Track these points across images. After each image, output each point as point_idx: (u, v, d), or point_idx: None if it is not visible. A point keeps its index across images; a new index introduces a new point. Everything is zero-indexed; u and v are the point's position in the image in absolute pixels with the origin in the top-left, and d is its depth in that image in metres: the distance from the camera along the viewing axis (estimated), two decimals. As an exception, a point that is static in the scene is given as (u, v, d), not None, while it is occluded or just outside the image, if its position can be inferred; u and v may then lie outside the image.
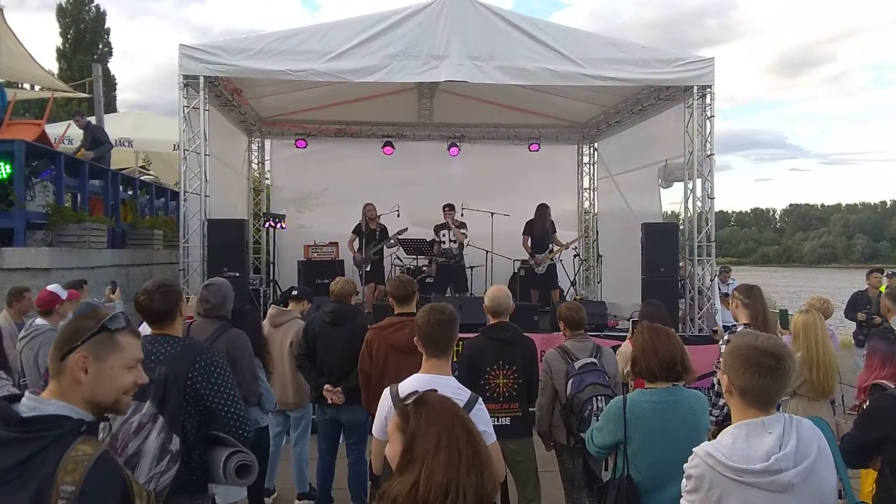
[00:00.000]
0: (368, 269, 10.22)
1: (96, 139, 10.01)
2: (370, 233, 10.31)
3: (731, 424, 2.08)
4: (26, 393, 1.78)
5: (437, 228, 10.66)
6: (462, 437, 1.74)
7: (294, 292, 5.82)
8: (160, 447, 2.57)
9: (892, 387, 3.59)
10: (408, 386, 2.94)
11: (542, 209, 10.52)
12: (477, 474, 1.70)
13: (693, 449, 2.08)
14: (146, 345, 2.81)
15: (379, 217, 10.47)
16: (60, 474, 1.62)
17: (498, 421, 4.01)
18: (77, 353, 1.81)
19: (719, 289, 9.81)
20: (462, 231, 10.49)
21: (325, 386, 4.78)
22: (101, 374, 1.83)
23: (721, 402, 4.23)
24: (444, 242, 10.52)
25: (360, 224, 10.40)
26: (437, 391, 1.92)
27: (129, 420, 2.54)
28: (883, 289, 9.47)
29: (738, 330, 4.16)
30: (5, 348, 5.29)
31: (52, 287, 5.31)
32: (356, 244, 10.43)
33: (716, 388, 4.35)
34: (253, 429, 2.99)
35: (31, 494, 1.60)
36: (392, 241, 10.33)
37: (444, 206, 10.54)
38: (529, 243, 10.49)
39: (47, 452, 1.64)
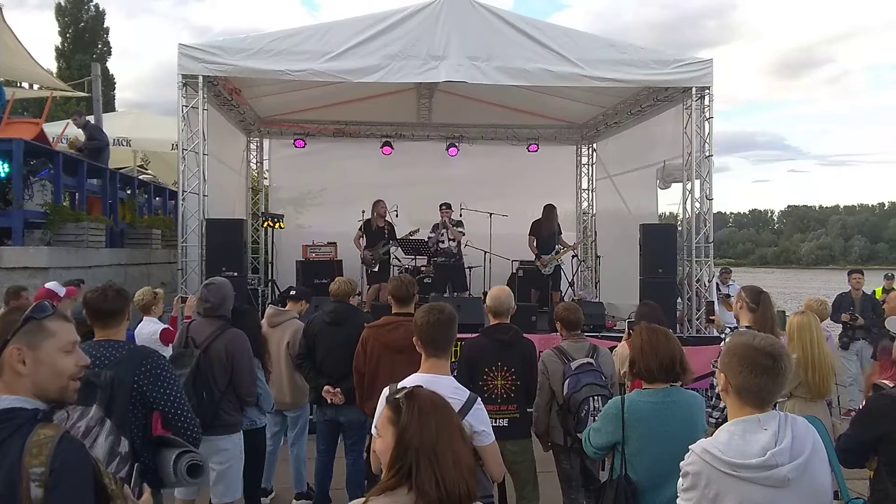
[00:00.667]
0: (377, 268, 10.18)
1: (92, 138, 9.99)
2: (378, 230, 10.29)
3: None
4: None
5: (435, 227, 10.67)
6: (454, 433, 1.76)
7: (292, 292, 5.82)
8: (109, 450, 2.58)
9: (891, 386, 3.59)
10: (407, 385, 2.94)
11: (550, 210, 10.54)
12: (467, 468, 1.72)
13: (690, 446, 2.10)
14: (91, 350, 2.83)
15: (386, 216, 10.47)
16: (27, 459, 1.65)
17: (496, 422, 3.99)
18: (10, 347, 1.84)
19: (719, 289, 9.84)
20: (459, 230, 10.49)
21: (325, 387, 4.78)
22: (40, 362, 1.86)
23: (722, 404, 4.22)
24: (442, 241, 10.52)
25: (368, 220, 10.36)
26: (422, 387, 1.94)
27: (76, 424, 2.55)
28: (879, 291, 9.50)
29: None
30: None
31: (50, 284, 5.32)
32: (363, 241, 10.43)
33: (716, 390, 4.33)
34: (199, 429, 2.99)
35: (2, 483, 1.63)
36: (402, 241, 10.30)
37: (441, 205, 10.55)
38: (535, 244, 10.48)
39: (9, 441, 1.68)
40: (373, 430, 3.09)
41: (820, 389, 4.10)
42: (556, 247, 10.49)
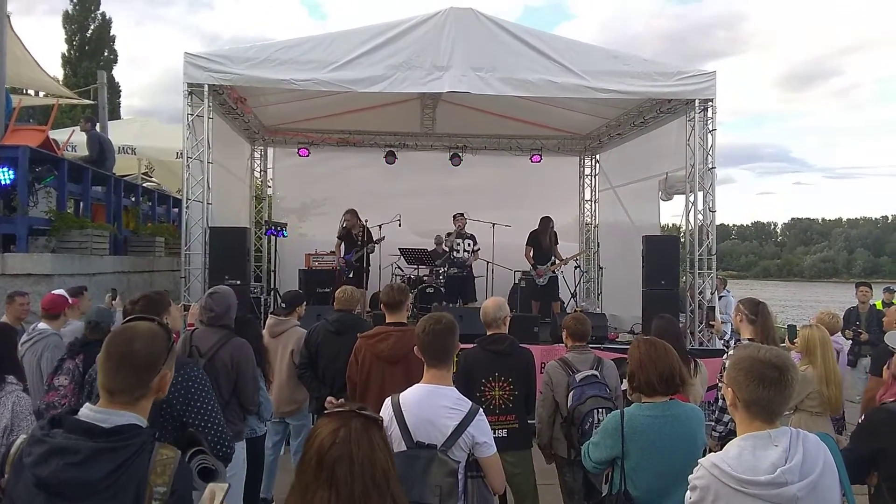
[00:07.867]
0: (351, 275, 10.22)
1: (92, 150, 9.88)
2: (354, 239, 10.39)
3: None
4: (86, 405, 1.83)
5: (448, 235, 10.76)
6: None
7: (282, 304, 5.64)
8: None
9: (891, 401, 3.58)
10: (409, 396, 2.93)
11: (546, 221, 10.60)
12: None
13: (699, 460, 2.09)
14: None
15: (366, 222, 10.47)
16: (152, 477, 1.72)
17: (495, 433, 3.97)
18: (165, 371, 1.92)
19: None
20: (476, 247, 10.71)
21: (329, 398, 4.75)
22: (168, 383, 1.98)
23: (726, 418, 4.20)
24: (457, 251, 10.57)
25: (346, 230, 10.50)
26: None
27: None
28: (879, 304, 9.43)
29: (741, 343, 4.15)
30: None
31: (59, 291, 5.30)
32: (342, 249, 10.56)
33: (720, 404, 4.31)
34: (232, 445, 2.97)
35: (132, 500, 1.68)
36: (370, 248, 10.32)
37: (455, 215, 10.76)
38: (532, 254, 10.52)
39: (138, 458, 1.73)
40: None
41: (837, 404, 4.10)
42: (552, 258, 10.54)
